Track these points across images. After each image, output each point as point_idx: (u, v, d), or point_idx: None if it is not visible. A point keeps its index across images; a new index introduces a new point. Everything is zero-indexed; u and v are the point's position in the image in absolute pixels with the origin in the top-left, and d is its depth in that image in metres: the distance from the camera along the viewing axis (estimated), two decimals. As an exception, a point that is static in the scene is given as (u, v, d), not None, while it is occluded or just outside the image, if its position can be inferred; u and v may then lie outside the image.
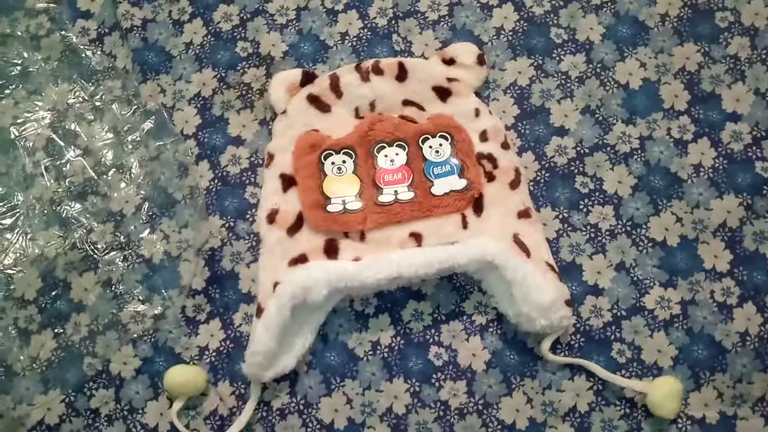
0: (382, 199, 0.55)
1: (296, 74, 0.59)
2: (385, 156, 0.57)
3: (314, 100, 0.58)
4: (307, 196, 0.55)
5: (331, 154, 0.57)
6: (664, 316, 0.55)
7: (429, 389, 0.55)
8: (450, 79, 0.58)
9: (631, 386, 0.52)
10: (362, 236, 0.55)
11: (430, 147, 0.57)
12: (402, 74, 0.58)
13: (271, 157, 0.58)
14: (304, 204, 0.55)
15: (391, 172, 0.56)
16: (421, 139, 0.57)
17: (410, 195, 0.55)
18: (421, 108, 0.59)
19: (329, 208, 0.55)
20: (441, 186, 0.55)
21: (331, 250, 0.54)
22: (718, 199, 0.57)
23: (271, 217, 0.56)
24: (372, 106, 0.59)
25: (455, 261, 0.52)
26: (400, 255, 0.53)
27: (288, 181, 0.57)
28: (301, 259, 0.54)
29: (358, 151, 0.57)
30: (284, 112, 0.59)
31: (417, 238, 0.55)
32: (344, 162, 0.57)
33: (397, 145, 0.57)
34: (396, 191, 0.56)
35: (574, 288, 0.56)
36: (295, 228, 0.56)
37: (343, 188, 0.56)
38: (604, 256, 0.57)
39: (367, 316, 0.57)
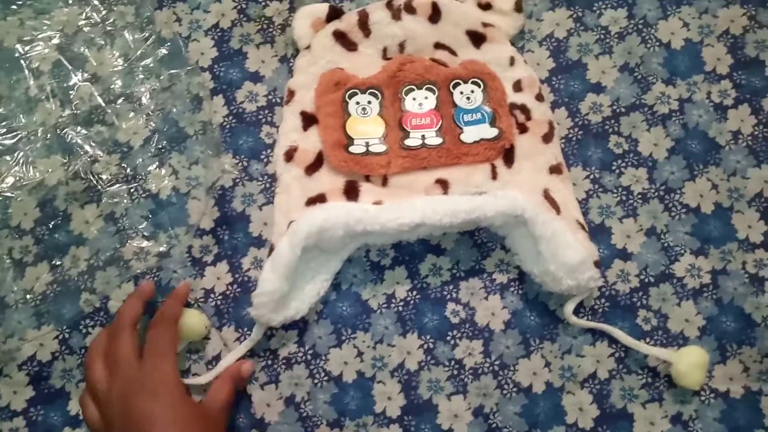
0: (409, 142, 0.53)
1: (323, 9, 0.56)
2: (414, 99, 0.54)
3: (340, 37, 0.55)
4: (329, 134, 0.53)
5: (356, 93, 0.54)
6: (694, 284, 0.53)
7: (443, 347, 0.53)
8: (485, 24, 0.55)
9: (656, 354, 0.50)
10: (384, 181, 0.52)
11: (461, 93, 0.54)
12: (435, 15, 0.55)
13: (291, 93, 0.55)
14: (326, 143, 0.52)
15: (419, 116, 0.53)
16: (452, 84, 0.54)
17: (438, 141, 0.53)
18: (453, 52, 0.56)
19: (351, 149, 0.52)
20: (471, 133, 0.53)
21: (351, 192, 0.51)
22: (756, 168, 0.55)
23: (289, 155, 0.53)
24: (401, 47, 0.55)
25: (482, 212, 0.49)
26: (424, 201, 0.50)
27: (308, 119, 0.54)
28: (320, 199, 0.51)
29: (385, 92, 0.54)
30: (308, 47, 0.56)
31: (443, 185, 0.52)
32: (369, 102, 0.54)
33: (426, 89, 0.54)
34: (423, 136, 0.53)
35: (602, 251, 0.53)
36: (314, 167, 0.53)
37: (367, 130, 0.53)
38: (634, 220, 0.54)
39: (383, 267, 0.54)
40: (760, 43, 0.57)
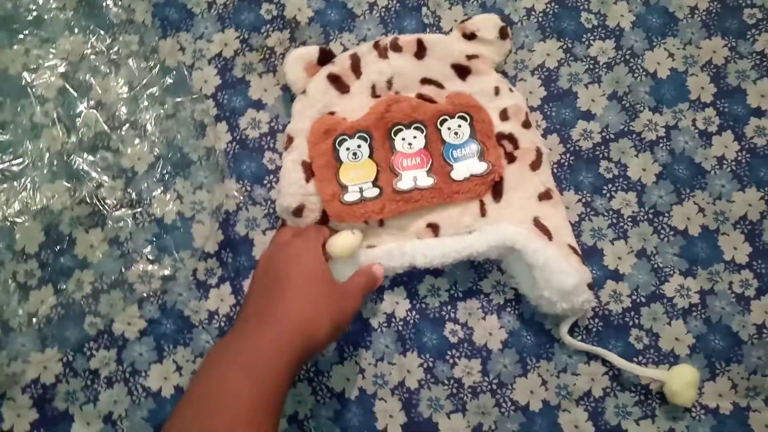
0: (401, 186, 0.54)
1: (313, 51, 0.57)
2: (403, 139, 0.55)
3: (335, 80, 0.56)
4: (325, 188, 0.54)
5: (346, 140, 0.55)
6: (683, 304, 0.55)
7: (443, 366, 0.54)
8: (470, 57, 0.57)
9: (650, 375, 0.52)
10: (381, 222, 0.54)
11: (449, 129, 0.55)
12: (420, 51, 0.57)
13: (290, 140, 0.56)
14: (323, 197, 0.54)
15: (410, 156, 0.55)
16: (439, 120, 0.56)
17: (430, 181, 0.54)
18: (439, 86, 0.57)
19: (346, 197, 0.54)
20: (461, 170, 0.54)
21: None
22: (740, 192, 0.57)
23: (298, 212, 0.54)
24: (389, 83, 0.57)
25: (474, 249, 0.52)
26: (414, 246, 0.53)
27: (310, 170, 0.55)
28: None
29: (375, 134, 0.55)
30: (304, 92, 0.57)
31: (434, 228, 0.54)
32: (359, 146, 0.55)
33: (414, 128, 0.55)
34: (415, 177, 0.54)
35: (594, 272, 0.55)
36: (322, 222, 0.55)
37: (359, 174, 0.54)
38: (625, 242, 0.56)
39: (383, 287, 0.55)
40: (741, 72, 0.60)
